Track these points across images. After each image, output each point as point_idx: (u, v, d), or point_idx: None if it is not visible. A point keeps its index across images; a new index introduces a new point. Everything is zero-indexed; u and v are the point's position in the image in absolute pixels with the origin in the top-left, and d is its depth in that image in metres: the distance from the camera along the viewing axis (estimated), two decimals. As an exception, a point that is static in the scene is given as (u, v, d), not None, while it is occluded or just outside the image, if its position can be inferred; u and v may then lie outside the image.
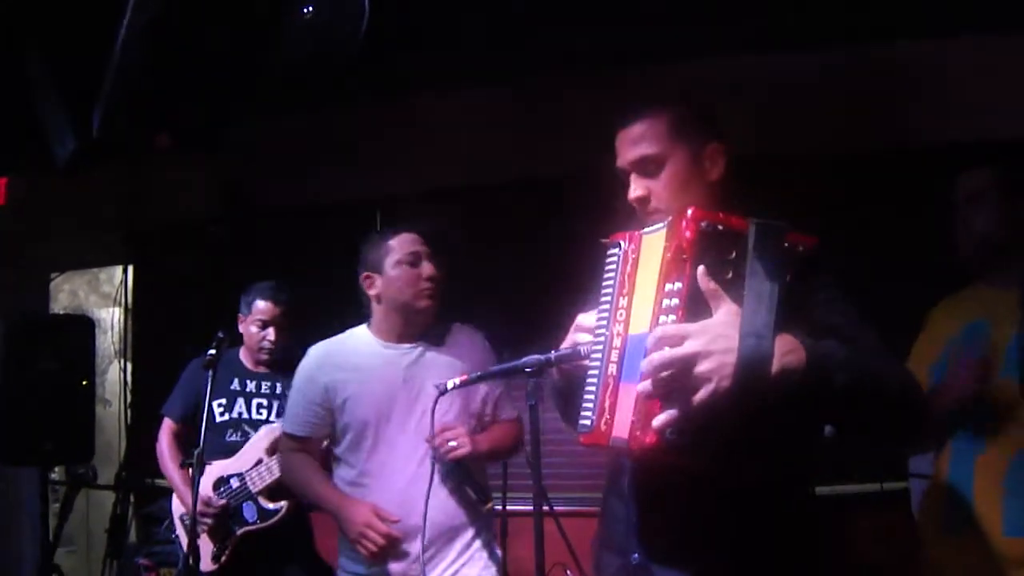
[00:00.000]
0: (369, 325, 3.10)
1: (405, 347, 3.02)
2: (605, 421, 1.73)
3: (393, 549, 2.81)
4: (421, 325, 3.03)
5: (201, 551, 3.76)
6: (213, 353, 3.47)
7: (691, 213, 1.64)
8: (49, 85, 3.55)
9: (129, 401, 6.06)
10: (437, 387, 2.38)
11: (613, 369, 1.75)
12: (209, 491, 3.77)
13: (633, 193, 1.94)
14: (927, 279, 3.91)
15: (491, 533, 3.04)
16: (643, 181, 1.94)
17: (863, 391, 1.62)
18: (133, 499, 5.28)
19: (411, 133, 5.07)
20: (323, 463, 3.16)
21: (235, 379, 3.95)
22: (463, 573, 2.91)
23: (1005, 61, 4.16)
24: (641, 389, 1.61)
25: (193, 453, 3.46)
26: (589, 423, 1.77)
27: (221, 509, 3.75)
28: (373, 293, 3.05)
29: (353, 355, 3.04)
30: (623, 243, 1.85)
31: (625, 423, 1.67)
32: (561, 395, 2.07)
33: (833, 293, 1.80)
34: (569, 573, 3.87)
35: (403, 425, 2.92)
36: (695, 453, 1.59)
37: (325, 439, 3.08)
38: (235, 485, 3.80)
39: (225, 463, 3.84)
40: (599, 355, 1.80)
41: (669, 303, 1.63)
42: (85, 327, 4.62)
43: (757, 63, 4.46)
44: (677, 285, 1.63)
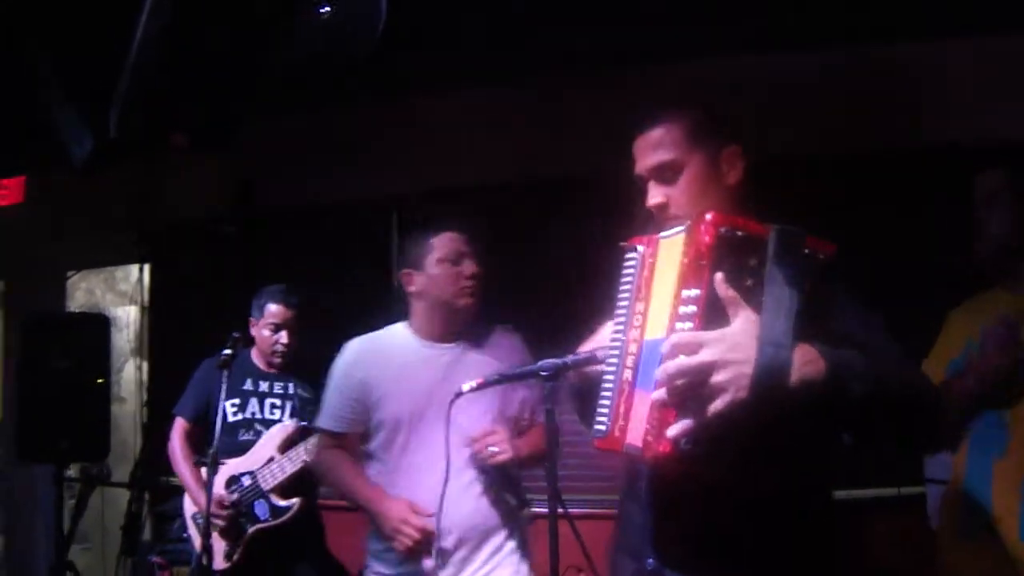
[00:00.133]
0: (408, 323, 3.06)
1: (444, 346, 2.98)
2: (619, 427, 1.72)
3: (428, 545, 2.78)
4: (461, 324, 2.98)
5: (214, 549, 3.77)
6: (228, 353, 3.47)
7: (710, 218, 1.60)
8: (65, 86, 3.56)
9: (145, 399, 6.08)
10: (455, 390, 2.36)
11: (628, 375, 1.73)
12: (221, 490, 3.77)
13: (651, 200, 1.92)
14: (927, 279, 3.91)
15: (523, 537, 3.00)
16: (661, 188, 1.91)
17: (881, 401, 1.60)
18: (148, 497, 5.30)
19: (426, 133, 5.07)
20: None
21: (248, 379, 3.95)
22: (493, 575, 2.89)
23: (1005, 61, 4.15)
24: (656, 397, 1.58)
25: (206, 452, 3.47)
26: (604, 428, 1.76)
27: (233, 510, 3.76)
28: (413, 290, 2.99)
29: (391, 352, 3.00)
30: (641, 247, 1.83)
31: (639, 430, 1.65)
32: (578, 396, 2.06)
33: (852, 300, 1.77)
34: (583, 576, 3.85)
35: (437, 425, 2.84)
36: (709, 462, 1.57)
37: (361, 435, 3.03)
38: (247, 483, 3.81)
39: (237, 461, 3.85)
40: (615, 360, 1.79)
41: (686, 310, 1.59)
42: (101, 325, 4.65)
43: (757, 63, 4.45)
44: (695, 291, 1.59)
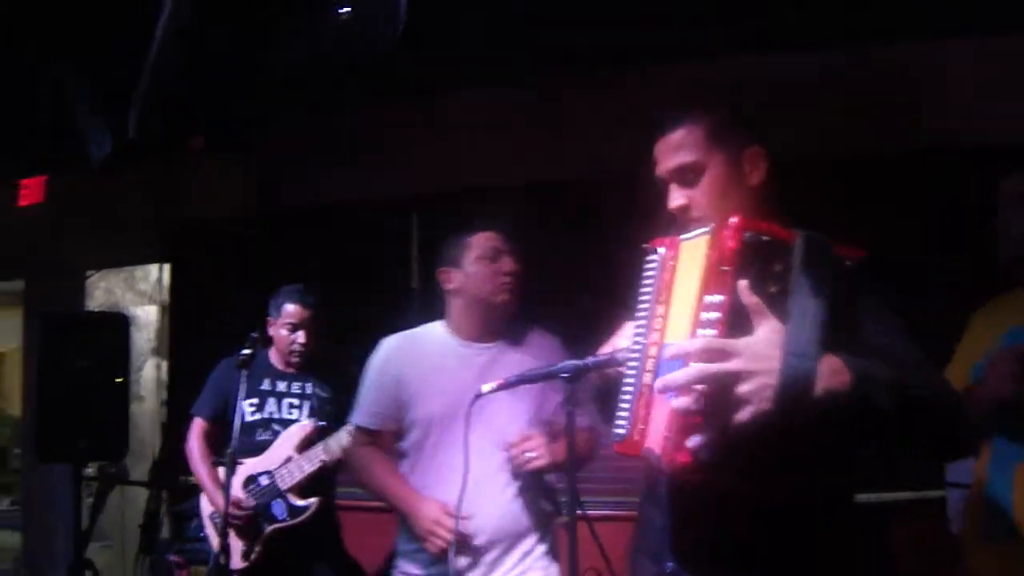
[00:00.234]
0: (445, 321, 3.04)
1: (481, 346, 2.96)
2: (639, 431, 1.70)
3: (460, 547, 2.76)
4: (499, 323, 2.97)
5: (231, 548, 3.77)
6: (247, 352, 3.47)
7: (735, 222, 1.55)
8: (85, 87, 3.58)
9: (165, 399, 6.11)
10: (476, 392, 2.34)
11: (648, 378, 1.71)
12: (239, 490, 3.77)
13: (673, 203, 1.89)
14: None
15: (555, 541, 2.97)
16: (683, 190, 1.89)
17: (906, 411, 1.56)
18: (166, 496, 5.32)
19: (446, 132, 5.06)
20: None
21: (266, 379, 3.95)
22: None
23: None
24: (677, 405, 1.53)
25: (223, 452, 3.47)
26: (623, 432, 1.74)
27: (250, 509, 3.77)
28: (451, 288, 2.98)
29: (426, 350, 2.99)
30: (662, 249, 1.81)
31: (658, 436, 1.62)
32: (599, 397, 2.04)
33: (879, 306, 1.75)
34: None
35: (472, 425, 2.87)
36: (729, 471, 1.54)
37: (395, 433, 3.00)
38: (264, 483, 3.81)
39: (254, 461, 3.84)
40: (635, 363, 1.77)
41: (709, 316, 1.55)
42: (120, 325, 4.66)
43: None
44: (718, 298, 1.54)
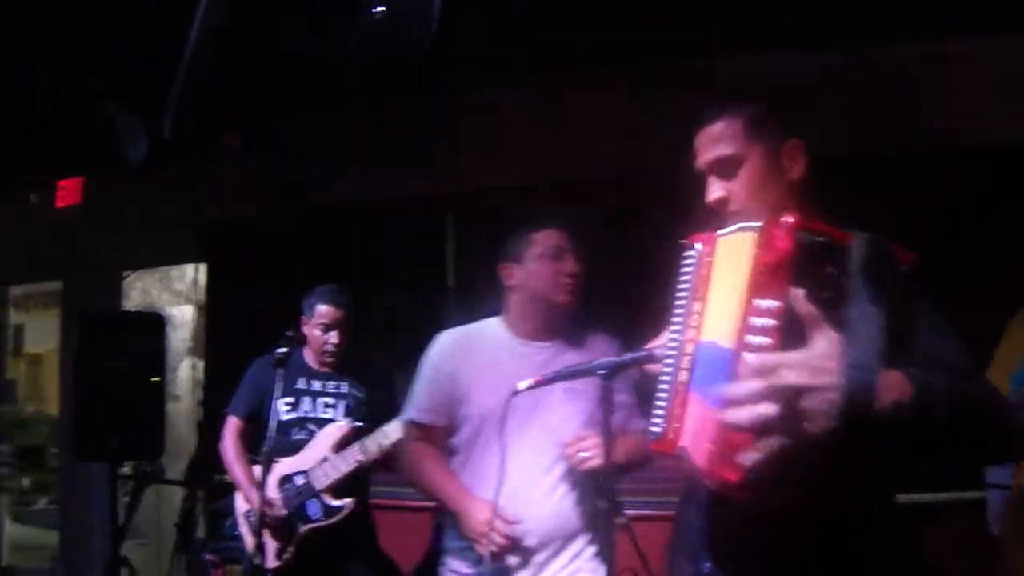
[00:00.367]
0: (503, 317, 3.01)
1: (538, 345, 2.92)
2: (674, 429, 1.69)
3: (512, 550, 2.74)
4: (557, 322, 2.93)
5: (266, 548, 3.79)
6: (283, 351, 3.48)
7: (788, 221, 1.48)
8: (121, 88, 3.61)
9: (201, 398, 6.15)
10: (513, 390, 2.34)
11: (684, 376, 1.70)
12: (274, 489, 3.79)
13: (711, 195, 1.88)
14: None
15: (608, 543, 2.87)
16: (721, 182, 1.88)
17: (963, 421, 1.51)
18: (202, 495, 5.35)
19: (484, 130, 5.05)
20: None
21: (301, 378, 3.95)
22: None
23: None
24: (730, 418, 1.44)
25: (258, 451, 3.48)
26: (659, 430, 1.73)
27: (285, 508, 3.78)
28: (511, 284, 2.94)
29: (483, 346, 2.96)
30: (699, 246, 1.80)
31: (701, 446, 1.57)
32: (641, 394, 2.03)
33: (933, 312, 1.70)
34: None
35: (524, 426, 2.81)
36: (779, 490, 1.48)
37: (447, 428, 2.97)
38: (299, 483, 3.82)
39: (290, 461, 3.85)
40: (671, 361, 1.75)
41: (762, 323, 1.46)
42: (157, 325, 4.71)
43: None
44: (771, 303, 1.45)
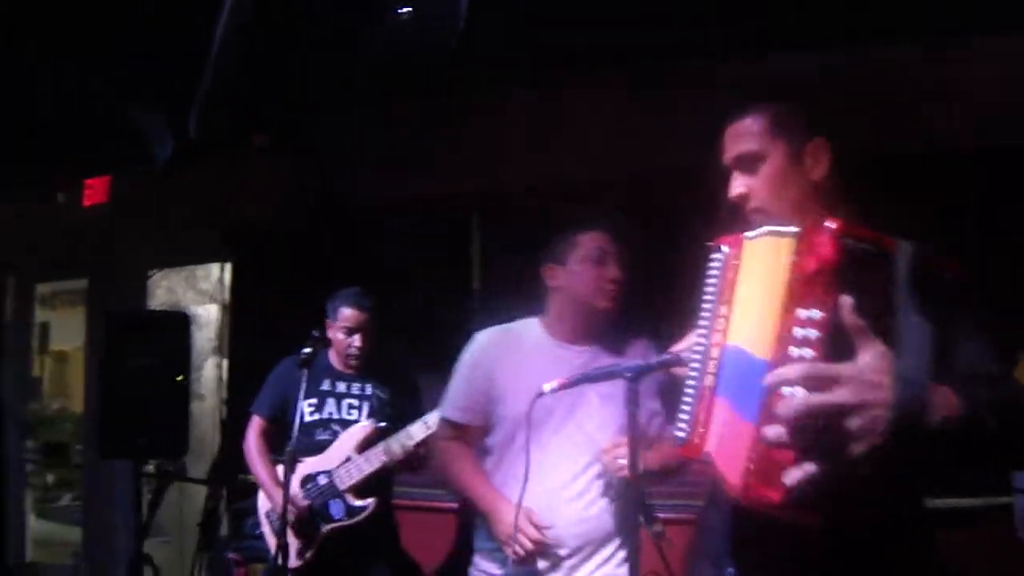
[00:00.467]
0: (542, 318, 2.99)
1: (577, 348, 2.90)
2: (699, 434, 1.67)
3: (541, 555, 2.73)
4: (597, 326, 2.90)
5: (289, 547, 3.78)
6: (308, 352, 3.48)
7: (832, 227, 1.40)
8: (148, 87, 3.62)
9: (225, 397, 6.15)
10: (538, 392, 2.31)
11: (710, 380, 1.68)
12: (297, 489, 3.78)
13: (733, 191, 1.88)
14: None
15: (633, 549, 2.81)
16: (743, 178, 1.87)
17: (1009, 431, 1.46)
18: (225, 494, 5.35)
19: (509, 130, 5.02)
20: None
21: (326, 380, 3.95)
22: None
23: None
24: (772, 435, 1.38)
25: (282, 451, 3.47)
26: (684, 435, 1.71)
27: (308, 508, 3.77)
28: (553, 285, 2.92)
29: (521, 346, 2.93)
30: (726, 248, 1.78)
31: (734, 463, 1.51)
32: (667, 394, 2.01)
33: (971, 321, 1.64)
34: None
35: (559, 430, 2.80)
36: (817, 508, 1.41)
37: (482, 428, 2.95)
38: (322, 482, 3.82)
39: (313, 460, 3.85)
40: (697, 365, 1.73)
41: (804, 334, 1.39)
42: (182, 324, 4.71)
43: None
44: (815, 313, 1.38)
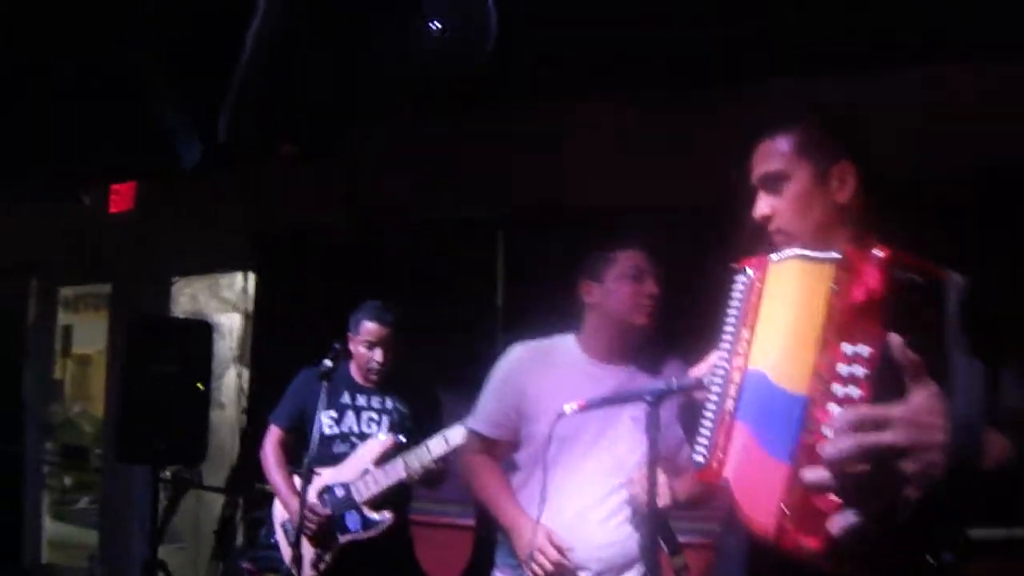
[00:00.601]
0: (578, 335, 2.96)
1: (612, 368, 2.87)
2: (718, 459, 1.64)
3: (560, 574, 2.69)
4: (633, 345, 2.87)
5: (303, 558, 3.77)
6: (329, 365, 3.47)
7: (881, 255, 1.31)
8: (176, 92, 3.63)
9: (245, 407, 6.15)
10: (559, 413, 2.30)
11: (730, 405, 1.65)
12: (313, 499, 3.76)
13: (757, 211, 1.86)
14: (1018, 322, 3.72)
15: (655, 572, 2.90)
16: (768, 199, 1.85)
17: None
18: (242, 502, 5.35)
19: (535, 148, 5.01)
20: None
21: (346, 392, 3.93)
22: None
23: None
24: (814, 478, 1.29)
25: (300, 462, 3.46)
26: (703, 460, 1.68)
27: (324, 519, 3.75)
28: (589, 302, 2.90)
29: (555, 364, 2.91)
30: (750, 271, 1.75)
31: (760, 498, 1.45)
32: (686, 416, 1.98)
33: (1014, 357, 1.53)
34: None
35: (588, 451, 2.78)
36: (856, 556, 1.30)
37: (512, 443, 2.94)
38: (339, 494, 3.81)
39: (331, 472, 3.84)
40: (718, 389, 1.71)
41: (851, 371, 1.30)
42: (204, 332, 4.74)
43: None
44: (863, 349, 1.29)
